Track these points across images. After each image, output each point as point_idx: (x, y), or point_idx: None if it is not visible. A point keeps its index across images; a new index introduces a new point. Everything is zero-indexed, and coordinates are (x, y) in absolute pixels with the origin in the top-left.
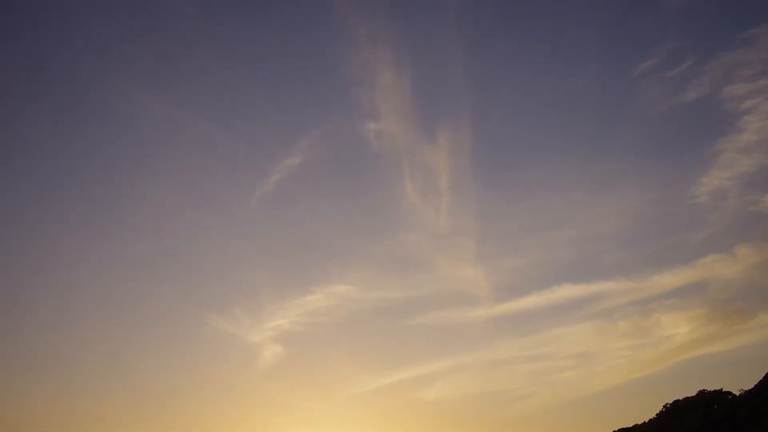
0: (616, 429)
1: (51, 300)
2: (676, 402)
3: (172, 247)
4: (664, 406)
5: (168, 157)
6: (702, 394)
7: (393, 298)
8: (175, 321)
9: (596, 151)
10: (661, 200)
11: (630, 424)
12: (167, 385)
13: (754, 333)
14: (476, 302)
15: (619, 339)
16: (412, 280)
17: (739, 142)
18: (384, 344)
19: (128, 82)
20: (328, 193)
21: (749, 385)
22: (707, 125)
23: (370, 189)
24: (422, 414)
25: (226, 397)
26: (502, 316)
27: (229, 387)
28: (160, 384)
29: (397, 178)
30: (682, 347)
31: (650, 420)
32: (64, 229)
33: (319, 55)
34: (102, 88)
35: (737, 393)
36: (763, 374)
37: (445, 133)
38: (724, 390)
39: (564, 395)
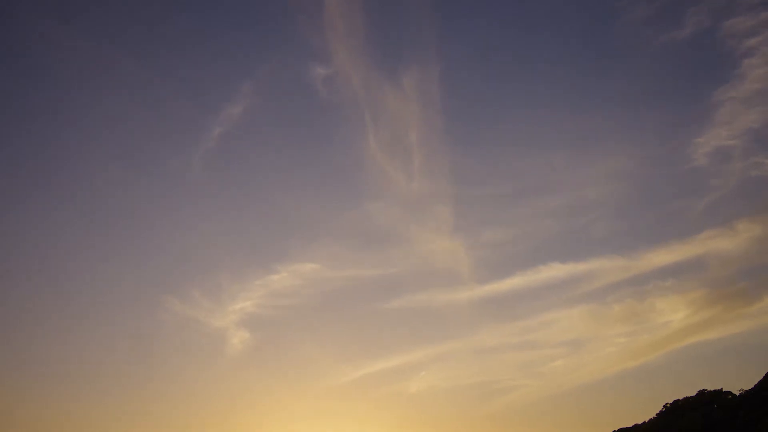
0: (616, 429)
1: None
2: (675, 402)
3: (108, 216)
4: (663, 406)
5: (91, 105)
6: (702, 394)
7: (365, 277)
8: (124, 303)
9: (578, 100)
10: (653, 161)
11: (625, 417)
12: (123, 377)
13: (757, 318)
14: (457, 282)
15: (613, 325)
16: (384, 256)
17: (740, 91)
18: (360, 330)
19: (40, 15)
20: (280, 152)
21: (750, 376)
22: (704, 69)
23: (329, 145)
24: (405, 408)
25: (191, 389)
26: (486, 298)
27: (194, 378)
28: (116, 377)
29: (358, 132)
30: (680, 333)
31: (650, 420)
32: None
33: None
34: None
35: (737, 393)
36: (766, 367)
37: (412, 75)
38: (724, 390)
39: (554, 386)
